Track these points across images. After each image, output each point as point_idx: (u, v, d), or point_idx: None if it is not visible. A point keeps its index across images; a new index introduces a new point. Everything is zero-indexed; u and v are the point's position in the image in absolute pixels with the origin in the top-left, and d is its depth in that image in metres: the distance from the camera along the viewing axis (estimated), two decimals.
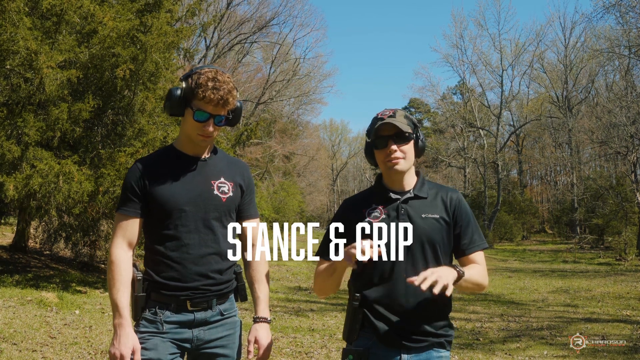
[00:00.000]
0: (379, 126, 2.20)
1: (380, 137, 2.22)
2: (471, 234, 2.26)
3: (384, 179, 2.31)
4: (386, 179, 2.30)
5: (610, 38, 29.13)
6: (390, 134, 2.20)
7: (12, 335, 5.91)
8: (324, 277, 2.25)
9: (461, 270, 2.07)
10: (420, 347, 2.17)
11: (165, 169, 2.33)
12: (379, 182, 2.33)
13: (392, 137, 2.20)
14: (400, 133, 2.20)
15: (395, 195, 2.25)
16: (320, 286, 2.31)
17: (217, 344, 2.36)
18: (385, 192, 2.27)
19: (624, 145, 25.51)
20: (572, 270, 17.18)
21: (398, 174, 2.25)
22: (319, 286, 2.31)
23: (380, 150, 2.23)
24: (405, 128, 2.20)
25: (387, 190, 2.27)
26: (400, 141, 2.21)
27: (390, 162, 2.21)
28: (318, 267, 2.31)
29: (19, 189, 8.02)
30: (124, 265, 2.25)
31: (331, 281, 2.24)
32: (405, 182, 2.27)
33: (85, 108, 8.64)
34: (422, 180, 2.31)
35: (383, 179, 2.32)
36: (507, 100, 40.82)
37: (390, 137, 2.20)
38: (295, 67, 37.05)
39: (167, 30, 9.39)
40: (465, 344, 6.91)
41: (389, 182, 2.29)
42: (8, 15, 8.02)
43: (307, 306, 9.57)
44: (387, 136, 2.21)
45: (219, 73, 2.25)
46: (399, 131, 2.20)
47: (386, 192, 2.27)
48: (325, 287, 2.29)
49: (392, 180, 2.28)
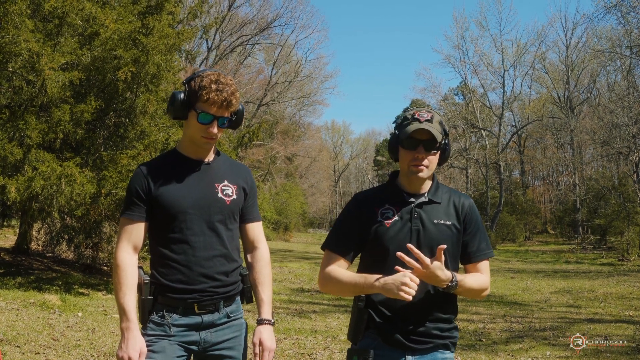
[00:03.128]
0: (415, 129, 2.14)
1: (412, 138, 2.17)
2: (479, 242, 2.26)
3: (401, 179, 2.28)
4: (403, 179, 2.27)
5: (611, 38, 29.11)
6: (422, 139, 2.16)
7: (15, 338, 5.92)
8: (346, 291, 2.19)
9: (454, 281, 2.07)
10: (425, 349, 2.17)
11: (169, 173, 2.34)
12: (394, 182, 2.30)
13: (423, 143, 2.16)
14: (433, 141, 2.16)
15: (410, 198, 2.23)
16: (334, 290, 2.25)
17: (223, 346, 2.36)
18: (400, 193, 2.24)
19: (626, 146, 25.49)
20: (575, 271, 17.15)
21: (418, 179, 2.21)
22: (333, 290, 2.25)
23: (408, 152, 2.18)
24: (439, 137, 2.15)
25: (402, 191, 2.25)
26: (430, 149, 2.17)
27: (415, 168, 2.17)
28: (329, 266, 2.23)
29: (21, 192, 8.02)
30: (130, 269, 2.26)
31: (351, 295, 2.21)
32: (422, 185, 2.25)
33: (87, 110, 8.65)
34: (436, 184, 2.29)
35: (399, 178, 2.29)
36: (508, 101, 40.78)
37: (422, 142, 2.16)
38: (297, 68, 37.08)
39: (169, 33, 9.40)
40: (468, 344, 6.90)
41: (405, 184, 2.26)
42: (10, 18, 8.03)
43: (309, 308, 9.56)
44: (419, 140, 2.16)
45: (221, 75, 2.26)
46: (432, 139, 2.15)
47: (401, 194, 2.24)
48: (340, 293, 2.25)
49: (409, 182, 2.24)
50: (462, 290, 2.13)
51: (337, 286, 2.21)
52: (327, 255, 2.28)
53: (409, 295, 1.96)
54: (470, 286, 2.15)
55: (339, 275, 2.20)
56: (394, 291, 1.98)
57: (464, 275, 2.17)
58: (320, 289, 2.36)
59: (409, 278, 1.97)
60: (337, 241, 2.27)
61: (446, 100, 47.55)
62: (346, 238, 2.25)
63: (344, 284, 2.17)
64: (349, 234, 2.25)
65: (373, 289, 2.07)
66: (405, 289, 1.96)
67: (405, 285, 1.96)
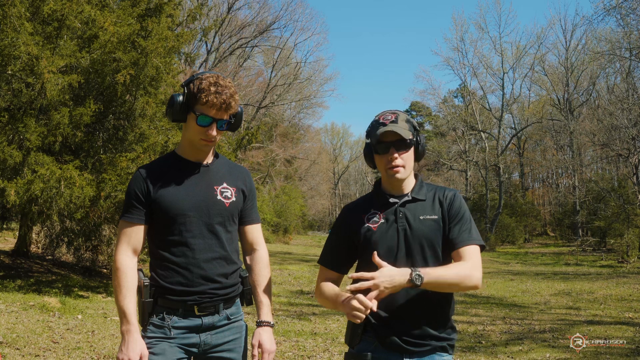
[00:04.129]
0: (381, 133, 2.19)
1: (382, 142, 2.21)
2: (460, 228, 2.19)
3: (383, 184, 2.32)
4: (385, 183, 2.31)
5: (611, 40, 29.13)
6: (392, 140, 2.20)
7: (14, 340, 5.91)
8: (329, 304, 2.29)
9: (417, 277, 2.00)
10: (423, 351, 2.17)
11: (169, 175, 2.35)
12: (378, 187, 2.34)
13: (393, 144, 2.20)
14: (402, 140, 2.20)
15: (394, 199, 2.26)
16: (324, 304, 2.34)
17: (224, 348, 2.37)
18: (384, 197, 2.28)
19: (625, 148, 25.52)
20: (575, 273, 17.15)
21: (398, 181, 2.25)
22: (323, 303, 2.34)
23: (382, 156, 2.23)
24: (407, 135, 2.18)
25: (385, 195, 2.28)
26: (401, 148, 2.21)
27: (391, 171, 2.21)
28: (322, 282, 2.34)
29: (20, 194, 8.03)
30: (129, 271, 2.26)
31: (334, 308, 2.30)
32: (404, 185, 2.28)
33: (87, 113, 8.65)
34: (420, 182, 2.31)
35: (382, 184, 2.33)
36: (508, 103, 40.80)
37: (392, 143, 2.20)
38: (296, 71, 37.10)
39: (168, 35, 9.41)
40: (467, 347, 6.90)
41: (388, 187, 2.30)
42: (9, 21, 8.04)
43: (309, 310, 9.55)
44: (389, 142, 2.20)
45: (220, 78, 2.27)
46: (401, 138, 2.19)
47: (385, 197, 2.27)
48: (327, 307, 2.35)
49: (391, 185, 2.28)
50: (433, 280, 2.02)
51: (324, 301, 2.31)
52: (321, 270, 2.38)
53: (358, 320, 2.01)
54: (441, 274, 2.04)
55: (325, 292, 2.30)
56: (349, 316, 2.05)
57: (431, 268, 2.09)
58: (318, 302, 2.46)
59: (358, 301, 2.00)
60: (329, 256, 2.36)
61: (445, 102, 47.60)
62: (337, 252, 2.34)
63: (328, 299, 2.28)
64: (339, 248, 2.33)
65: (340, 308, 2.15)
66: (354, 313, 2.01)
67: (354, 310, 2.01)
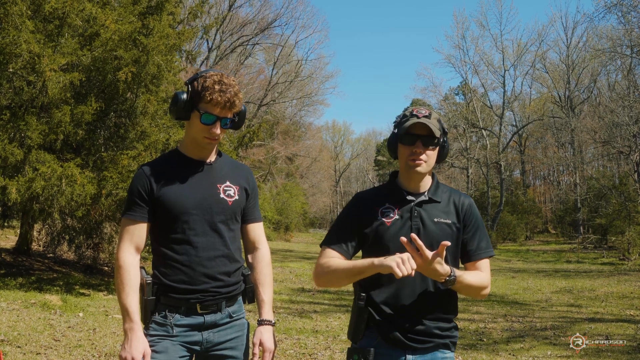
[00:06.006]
0: (412, 124, 2.18)
1: (410, 134, 2.19)
2: (478, 241, 2.26)
3: (400, 177, 2.30)
4: (403, 177, 2.29)
5: (612, 38, 29.04)
6: (420, 134, 2.19)
7: (16, 338, 5.92)
8: (343, 277, 2.18)
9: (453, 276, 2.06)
10: (425, 348, 2.17)
11: (171, 173, 2.34)
12: (394, 181, 2.31)
13: (421, 138, 2.19)
14: (431, 136, 2.19)
15: (410, 197, 2.24)
16: (329, 280, 2.23)
17: (226, 346, 2.37)
18: (400, 193, 2.25)
19: (626, 145, 25.50)
20: (576, 270, 17.15)
21: (416, 175, 2.23)
22: (328, 280, 2.23)
23: (406, 147, 2.21)
24: (437, 132, 2.18)
25: (402, 190, 2.26)
26: (428, 144, 2.19)
27: (412, 162, 2.19)
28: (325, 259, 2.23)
29: (21, 192, 8.03)
30: (132, 269, 2.26)
31: (348, 281, 2.20)
32: (421, 183, 2.27)
33: (88, 111, 8.65)
34: (436, 183, 2.31)
35: (399, 177, 2.31)
36: (509, 101, 40.74)
37: (420, 137, 2.19)
38: (297, 68, 37.05)
39: (169, 33, 9.41)
40: (469, 344, 6.91)
41: (405, 181, 2.27)
42: (11, 19, 8.04)
43: (310, 307, 9.56)
44: (417, 135, 2.19)
45: (224, 76, 2.27)
46: (431, 134, 2.18)
47: (402, 193, 2.25)
48: (337, 283, 2.23)
49: (408, 180, 2.26)
50: (461, 286, 2.13)
51: (332, 275, 2.20)
52: (323, 252, 2.27)
53: (400, 271, 1.94)
54: (469, 282, 2.14)
55: (333, 264, 2.19)
56: (392, 265, 1.96)
57: (463, 271, 2.17)
58: (315, 282, 2.34)
59: (407, 258, 1.97)
60: (335, 239, 2.26)
61: (447, 100, 47.50)
62: (345, 236, 2.26)
63: (339, 270, 2.17)
64: (348, 232, 2.26)
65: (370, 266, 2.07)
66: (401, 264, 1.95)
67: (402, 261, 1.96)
